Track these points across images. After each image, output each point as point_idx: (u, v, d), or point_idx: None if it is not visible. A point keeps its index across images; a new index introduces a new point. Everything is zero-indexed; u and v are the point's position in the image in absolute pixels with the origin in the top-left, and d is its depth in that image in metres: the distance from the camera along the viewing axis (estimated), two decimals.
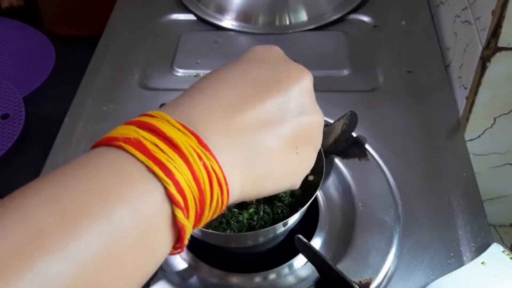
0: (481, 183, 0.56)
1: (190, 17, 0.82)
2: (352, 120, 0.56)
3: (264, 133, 0.30)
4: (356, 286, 0.43)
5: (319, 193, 0.55)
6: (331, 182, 0.56)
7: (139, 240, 0.24)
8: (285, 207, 0.48)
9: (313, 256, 0.46)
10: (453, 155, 0.59)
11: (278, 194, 0.48)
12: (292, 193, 0.49)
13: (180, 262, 0.51)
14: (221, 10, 0.80)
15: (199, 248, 0.51)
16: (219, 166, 0.27)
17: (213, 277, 0.49)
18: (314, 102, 0.34)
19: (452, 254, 0.50)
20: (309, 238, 0.51)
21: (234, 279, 0.49)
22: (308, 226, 0.52)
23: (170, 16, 0.82)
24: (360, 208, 0.53)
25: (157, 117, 0.27)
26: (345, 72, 0.71)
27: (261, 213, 0.47)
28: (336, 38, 0.76)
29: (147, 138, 0.26)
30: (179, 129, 0.27)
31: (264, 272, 0.49)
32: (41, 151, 0.62)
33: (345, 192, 0.55)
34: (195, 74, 0.72)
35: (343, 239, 0.51)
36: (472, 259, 0.49)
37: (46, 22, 0.91)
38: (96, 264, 0.22)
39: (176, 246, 0.27)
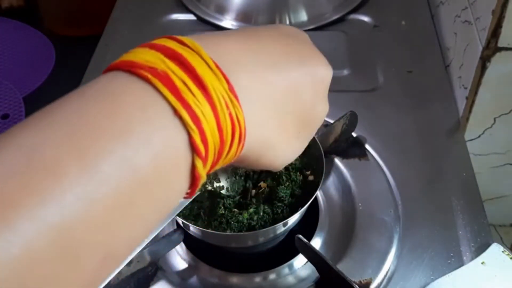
0: (481, 183, 0.56)
1: (190, 17, 0.82)
2: (352, 120, 0.56)
3: (285, 102, 0.29)
4: (356, 286, 0.43)
5: (319, 193, 0.55)
6: (331, 182, 0.56)
7: (155, 183, 0.22)
8: (285, 207, 0.48)
9: (313, 256, 0.46)
10: (453, 155, 0.59)
11: (278, 194, 0.48)
12: (292, 193, 0.49)
13: (180, 262, 0.51)
14: (221, 10, 0.80)
15: (199, 248, 0.51)
16: (244, 118, 0.25)
17: (213, 277, 0.49)
18: (326, 97, 0.34)
19: (452, 254, 0.50)
20: (309, 238, 0.51)
21: (234, 279, 0.49)
22: (308, 226, 0.52)
23: (170, 16, 0.82)
24: (360, 208, 0.53)
25: (188, 46, 0.25)
26: (345, 72, 0.71)
27: (261, 213, 0.47)
28: (336, 38, 0.76)
29: (176, 73, 0.23)
30: (211, 68, 0.24)
31: (264, 272, 0.49)
32: None
33: (345, 192, 0.55)
34: None
35: (343, 239, 0.51)
36: (472, 259, 0.49)
37: (46, 22, 0.91)
38: (110, 202, 0.20)
39: (186, 193, 0.25)
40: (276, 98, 0.28)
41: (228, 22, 0.79)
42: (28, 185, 0.19)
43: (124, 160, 0.21)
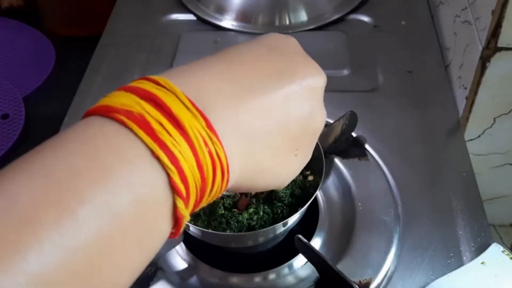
0: (481, 183, 0.56)
1: (190, 17, 0.82)
2: (352, 120, 0.56)
3: (273, 126, 0.28)
4: (356, 286, 0.43)
5: (319, 193, 0.55)
6: (331, 182, 0.56)
7: (136, 226, 0.22)
8: (285, 207, 0.48)
9: (313, 256, 0.46)
10: (453, 155, 0.59)
11: (278, 194, 0.48)
12: (292, 193, 0.49)
13: (180, 262, 0.51)
14: (221, 10, 0.80)
15: (199, 248, 0.51)
16: (225, 154, 0.25)
17: (213, 277, 0.49)
18: (323, 105, 0.33)
19: (452, 254, 0.50)
20: (309, 238, 0.51)
21: (234, 279, 0.49)
22: (308, 226, 0.52)
23: (170, 16, 0.82)
24: (360, 208, 0.53)
25: (162, 86, 0.25)
26: (345, 72, 0.71)
27: (261, 213, 0.47)
28: (336, 38, 0.76)
29: (151, 114, 0.23)
30: (187, 107, 0.24)
31: (264, 272, 0.49)
32: None
33: (345, 192, 0.55)
34: None
35: (343, 239, 0.51)
36: (472, 259, 0.49)
37: (46, 22, 0.91)
38: (91, 250, 0.20)
39: (171, 232, 0.25)
40: (265, 125, 0.28)
41: (228, 22, 0.79)
42: (4, 236, 0.18)
43: (104, 206, 0.21)
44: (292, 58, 0.31)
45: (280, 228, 0.45)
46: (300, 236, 0.46)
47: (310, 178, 0.49)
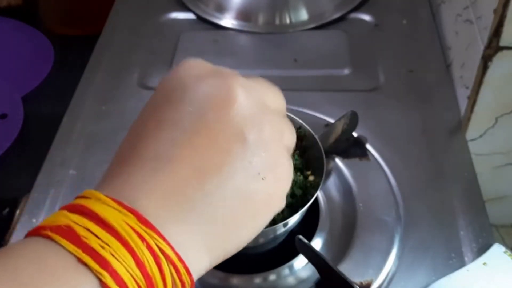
0: (483, 183, 0.56)
1: (190, 16, 0.81)
2: (352, 120, 0.56)
3: (218, 197, 0.26)
4: (357, 287, 0.43)
5: (319, 194, 0.54)
6: (331, 182, 0.56)
7: None
8: (285, 207, 0.47)
9: (313, 257, 0.46)
10: (454, 155, 0.59)
11: None
12: (292, 193, 0.48)
13: None
14: (221, 9, 0.80)
15: None
16: (169, 244, 0.23)
17: (213, 278, 0.49)
18: (288, 153, 0.29)
19: (453, 255, 0.50)
20: (310, 238, 0.50)
21: (234, 280, 0.49)
22: (308, 226, 0.51)
23: (170, 15, 0.82)
24: (361, 208, 0.53)
25: (89, 197, 0.24)
26: (346, 71, 0.70)
27: None
28: (336, 37, 0.76)
29: (78, 223, 0.23)
30: (113, 207, 0.23)
31: (264, 273, 0.49)
32: (40, 150, 0.62)
33: (345, 193, 0.55)
34: None
35: (344, 240, 0.51)
36: (474, 259, 0.49)
37: (45, 21, 0.90)
38: None
39: None
40: (205, 202, 0.26)
41: (228, 21, 0.79)
42: None
43: None
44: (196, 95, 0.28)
45: (280, 229, 0.45)
46: (300, 236, 0.46)
47: (311, 178, 0.48)
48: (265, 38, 0.76)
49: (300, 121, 0.49)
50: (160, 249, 0.23)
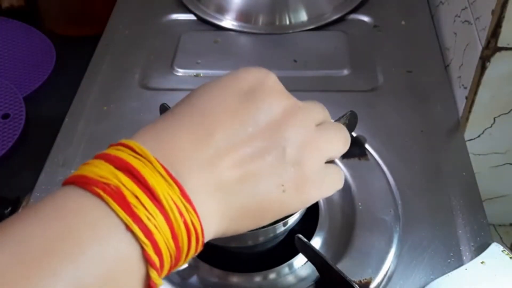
0: (481, 183, 0.56)
1: (190, 17, 0.82)
2: (352, 120, 0.56)
3: (251, 182, 0.28)
4: (356, 285, 0.43)
5: None
6: None
7: None
8: None
9: (313, 256, 0.46)
10: (453, 155, 0.59)
11: None
12: None
13: None
14: (221, 10, 0.80)
15: None
16: (199, 221, 0.25)
17: (213, 276, 0.49)
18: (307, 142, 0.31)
19: (451, 254, 0.50)
20: (309, 237, 0.51)
21: (234, 278, 0.49)
22: (308, 225, 0.52)
23: (170, 16, 0.82)
24: (360, 207, 0.53)
25: (137, 154, 0.25)
26: (345, 72, 0.71)
27: None
28: (336, 38, 0.76)
29: (128, 186, 0.24)
30: (162, 176, 0.25)
31: (264, 271, 0.49)
32: (42, 151, 0.62)
33: (345, 192, 0.55)
34: (195, 74, 0.72)
35: (343, 239, 0.51)
36: (472, 258, 0.49)
37: (47, 22, 0.91)
38: None
39: None
40: (239, 184, 0.28)
41: (228, 22, 0.79)
42: None
43: (74, 281, 0.21)
44: (270, 106, 0.30)
45: (280, 228, 0.45)
46: (300, 235, 0.46)
47: None
48: (265, 38, 0.77)
49: None
50: (193, 225, 0.25)
